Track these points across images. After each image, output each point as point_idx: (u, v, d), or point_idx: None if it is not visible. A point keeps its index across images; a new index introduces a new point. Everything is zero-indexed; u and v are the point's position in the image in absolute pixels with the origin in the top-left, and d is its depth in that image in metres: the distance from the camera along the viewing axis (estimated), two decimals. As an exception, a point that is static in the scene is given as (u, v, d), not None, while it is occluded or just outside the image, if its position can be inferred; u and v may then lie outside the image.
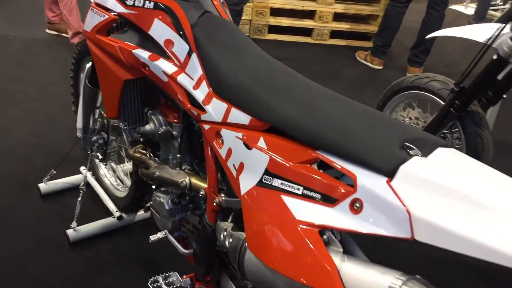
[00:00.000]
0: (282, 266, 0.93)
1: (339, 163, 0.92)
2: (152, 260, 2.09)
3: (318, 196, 0.94)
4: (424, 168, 0.84)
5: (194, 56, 1.28)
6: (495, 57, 2.00)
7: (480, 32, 2.11)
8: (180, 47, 1.31)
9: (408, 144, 0.88)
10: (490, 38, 1.98)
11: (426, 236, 0.77)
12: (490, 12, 6.40)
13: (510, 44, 1.90)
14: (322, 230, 0.91)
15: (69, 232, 2.16)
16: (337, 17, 4.86)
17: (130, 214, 2.26)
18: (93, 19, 1.51)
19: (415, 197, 0.80)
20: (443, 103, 2.25)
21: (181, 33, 1.30)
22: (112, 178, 2.41)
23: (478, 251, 0.71)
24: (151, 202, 1.61)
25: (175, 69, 1.32)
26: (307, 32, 4.86)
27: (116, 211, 2.26)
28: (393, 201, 0.82)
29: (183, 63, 1.30)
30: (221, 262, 1.36)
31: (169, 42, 1.33)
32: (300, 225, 0.93)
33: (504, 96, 2.24)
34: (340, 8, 4.82)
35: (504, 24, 1.95)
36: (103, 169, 2.43)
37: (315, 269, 0.86)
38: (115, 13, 1.46)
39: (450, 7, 6.19)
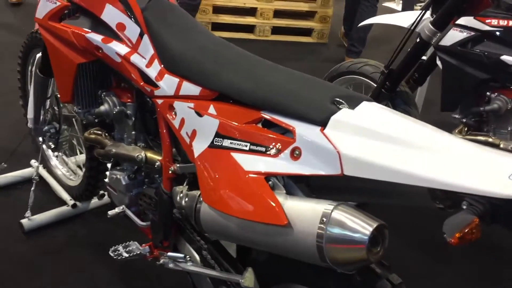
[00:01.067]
0: (234, 209, 1.05)
1: (280, 119, 1.06)
2: (108, 244, 2.16)
3: (263, 149, 1.07)
4: (351, 117, 0.99)
5: (145, 37, 1.38)
6: (418, 40, 2.21)
7: (405, 19, 2.33)
8: (132, 30, 1.41)
9: (338, 100, 1.03)
10: (413, 24, 2.20)
11: (352, 170, 0.92)
12: (416, 7, 6.80)
13: (430, 28, 2.11)
14: (268, 176, 1.05)
15: (24, 221, 2.19)
16: (278, 14, 5.05)
17: (84, 202, 2.32)
18: (45, 7, 1.58)
19: (343, 140, 0.95)
20: (376, 85, 2.45)
21: (132, 16, 1.41)
22: (63, 169, 2.46)
23: (394, 176, 0.87)
24: (107, 180, 1.69)
25: (127, 50, 1.41)
26: (249, 28, 5.02)
27: (70, 200, 2.31)
28: (325, 145, 0.96)
29: (135, 44, 1.41)
30: (177, 227, 1.47)
31: (121, 26, 1.43)
32: (248, 175, 1.06)
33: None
34: (280, 5, 5.02)
35: (425, 10, 2.17)
36: (54, 161, 2.47)
37: (263, 207, 1.00)
38: (67, 0, 1.54)
39: (383, 4, 6.56)
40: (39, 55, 1.96)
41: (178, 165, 1.37)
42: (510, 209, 0.75)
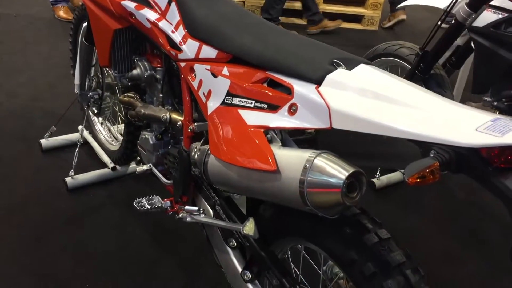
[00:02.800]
0: (235, 158, 1.14)
1: (282, 78, 1.14)
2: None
3: (265, 106, 1.15)
4: (346, 76, 1.05)
5: (173, 4, 1.49)
6: (453, 22, 2.20)
7: (441, 0, 2.32)
8: (161, -3, 1.52)
9: (336, 61, 1.10)
10: (449, 5, 2.19)
11: (339, 123, 0.99)
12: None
13: (465, 9, 2.10)
14: (266, 130, 1.13)
15: (68, 179, 2.38)
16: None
17: (123, 166, 2.48)
18: None
19: (334, 96, 1.02)
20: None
21: None
22: (106, 134, 2.63)
23: (374, 129, 0.92)
24: (139, 141, 1.83)
25: (157, 16, 1.53)
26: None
27: (110, 163, 2.48)
28: (318, 101, 1.03)
29: (163, 11, 1.52)
30: (195, 184, 1.58)
31: None
32: (249, 128, 1.15)
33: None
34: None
35: (461, -9, 2.16)
36: (98, 126, 2.66)
37: (258, 156, 1.08)
38: (107, -29, 1.67)
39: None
40: (85, 24, 2.12)
41: (196, 124, 1.47)
42: (473, 158, 0.80)
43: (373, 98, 0.98)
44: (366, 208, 1.17)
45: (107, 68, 2.06)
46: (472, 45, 2.22)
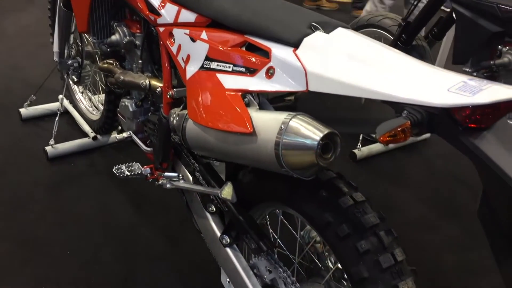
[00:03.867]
0: (212, 121, 1.15)
1: (260, 42, 1.13)
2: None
3: (243, 69, 1.15)
4: (323, 39, 1.05)
5: None
6: (435, -8, 2.20)
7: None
8: (139, -40, 1.49)
9: (314, 24, 1.09)
10: (431, -25, 2.18)
11: (316, 86, 0.99)
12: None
13: (447, -20, 2.10)
14: (244, 94, 1.13)
15: (48, 148, 2.36)
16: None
17: (104, 135, 2.47)
18: None
19: (311, 59, 1.02)
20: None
21: None
22: (87, 104, 2.61)
23: (349, 91, 0.93)
24: (118, 109, 1.81)
25: (135, -20, 1.50)
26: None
27: (91, 132, 2.47)
28: (295, 64, 1.03)
29: (142, -26, 1.49)
30: (175, 151, 1.58)
31: None
32: (227, 92, 1.15)
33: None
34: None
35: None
36: (79, 95, 2.63)
37: (234, 119, 1.08)
38: None
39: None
40: (63, -10, 2.07)
41: (175, 89, 1.46)
42: (444, 118, 0.81)
43: (349, 61, 0.98)
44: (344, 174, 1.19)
45: (86, 35, 2.03)
46: (454, 15, 2.23)
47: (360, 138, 2.64)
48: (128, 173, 1.62)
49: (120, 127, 2.42)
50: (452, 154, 2.68)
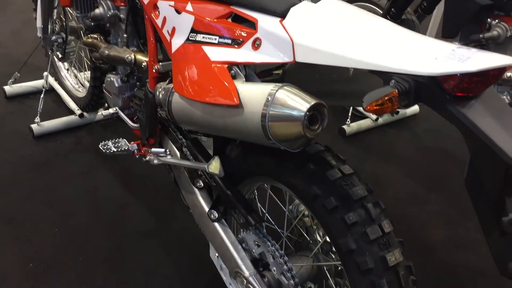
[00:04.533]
0: (198, 95, 1.13)
1: (246, 13, 1.11)
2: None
3: (229, 41, 1.13)
4: (310, 9, 1.03)
5: None
6: (425, -36, 2.17)
7: None
8: None
9: None
10: None
11: (303, 57, 0.97)
12: None
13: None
14: (230, 66, 1.11)
15: (33, 126, 2.33)
16: None
17: (90, 113, 2.44)
18: None
19: (298, 29, 1.00)
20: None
21: None
22: (73, 81, 2.57)
23: (336, 61, 0.91)
24: (104, 84, 1.78)
25: (117, -50, 1.46)
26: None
27: (78, 110, 2.43)
28: (282, 35, 1.01)
29: None
30: (162, 127, 1.56)
31: None
32: (213, 64, 1.13)
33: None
34: None
35: None
36: (64, 72, 2.58)
37: (220, 91, 1.07)
38: None
39: None
40: (45, -37, 2.02)
41: (161, 63, 1.44)
42: (432, 87, 0.80)
43: (336, 30, 0.96)
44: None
45: (69, 9, 1.98)
46: (443, -12, 2.21)
47: (349, 114, 2.63)
48: (115, 149, 1.60)
49: (106, 104, 2.39)
50: (441, 129, 2.70)
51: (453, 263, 1.85)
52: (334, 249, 1.16)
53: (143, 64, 1.51)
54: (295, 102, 0.94)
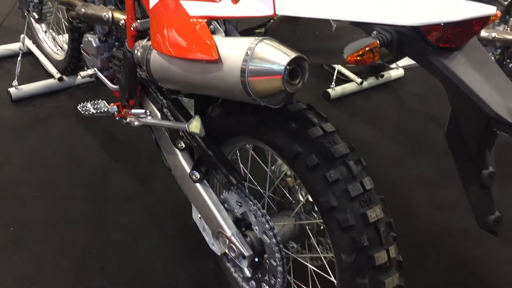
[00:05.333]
0: (177, 51, 1.09)
1: (225, -35, 1.07)
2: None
3: (209, -5, 1.09)
4: None
5: None
6: None
7: None
8: None
9: None
10: None
11: (283, 9, 0.94)
12: None
13: None
14: (209, 21, 1.07)
15: (11, 90, 2.27)
16: None
17: (70, 76, 2.38)
18: None
19: None
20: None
21: None
22: (51, 43, 2.50)
23: (316, 13, 0.89)
24: (82, 45, 1.73)
25: None
26: None
27: (57, 73, 2.38)
28: None
29: None
30: (142, 88, 1.53)
31: None
32: (192, 19, 1.09)
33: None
34: None
35: None
36: (42, 35, 2.51)
37: (199, 46, 1.04)
38: None
39: None
40: None
41: (139, 21, 1.39)
42: (414, 37, 0.78)
43: None
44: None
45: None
46: None
47: (334, 77, 2.61)
48: (94, 111, 1.57)
49: (86, 68, 2.34)
50: (426, 93, 2.69)
51: (435, 224, 1.87)
52: (316, 208, 1.16)
53: (121, 22, 1.47)
54: (275, 55, 0.91)
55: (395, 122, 2.51)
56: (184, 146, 1.40)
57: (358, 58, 0.77)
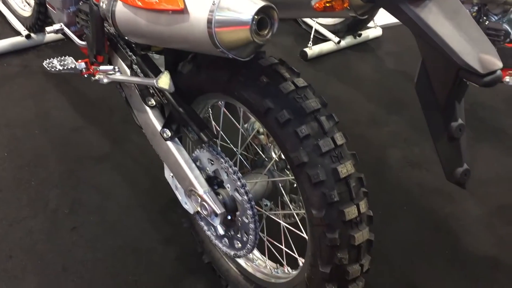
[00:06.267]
0: (143, 1, 1.05)
1: None
2: (61, 75, 2.18)
3: None
4: None
5: None
6: None
7: None
8: None
9: None
10: None
11: None
12: None
13: None
14: (176, -30, 1.03)
15: (-24, 48, 2.18)
16: None
17: (38, 33, 2.30)
18: None
19: None
20: None
21: None
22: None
23: None
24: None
25: None
26: None
27: (24, 30, 2.29)
28: None
29: None
30: (111, 44, 1.48)
31: None
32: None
33: None
34: None
35: None
36: (7, -10, 2.40)
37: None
38: None
39: None
40: None
41: (105, -28, 1.33)
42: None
43: None
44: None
45: None
46: None
47: (311, 36, 2.57)
48: (60, 68, 1.51)
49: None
50: (403, 52, 2.67)
51: (408, 181, 1.89)
52: (288, 165, 1.15)
53: (87, -27, 1.40)
54: (243, 5, 0.88)
55: (372, 81, 2.50)
56: (154, 103, 1.36)
57: (327, 4, 0.74)
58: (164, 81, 1.18)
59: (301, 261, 1.28)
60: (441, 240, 1.67)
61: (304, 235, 1.23)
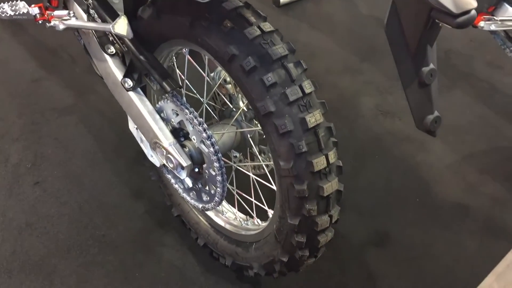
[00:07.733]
0: None
1: None
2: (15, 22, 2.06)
3: None
4: None
5: None
6: None
7: None
8: None
9: None
10: None
11: None
12: None
13: None
14: None
15: None
16: None
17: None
18: None
19: None
20: None
21: None
22: None
23: None
24: None
25: None
26: None
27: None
28: None
29: None
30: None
31: None
32: None
33: None
34: None
35: None
36: None
37: None
38: None
39: None
40: None
41: None
42: None
43: None
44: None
45: None
46: None
47: (284, -19, 2.47)
48: (11, 13, 1.41)
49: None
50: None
51: (380, 129, 1.87)
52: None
53: None
54: None
55: (345, 28, 2.43)
56: (114, 51, 1.28)
57: None
58: (121, 26, 1.11)
59: (270, 213, 1.26)
60: (412, 188, 1.67)
61: (273, 187, 1.21)
